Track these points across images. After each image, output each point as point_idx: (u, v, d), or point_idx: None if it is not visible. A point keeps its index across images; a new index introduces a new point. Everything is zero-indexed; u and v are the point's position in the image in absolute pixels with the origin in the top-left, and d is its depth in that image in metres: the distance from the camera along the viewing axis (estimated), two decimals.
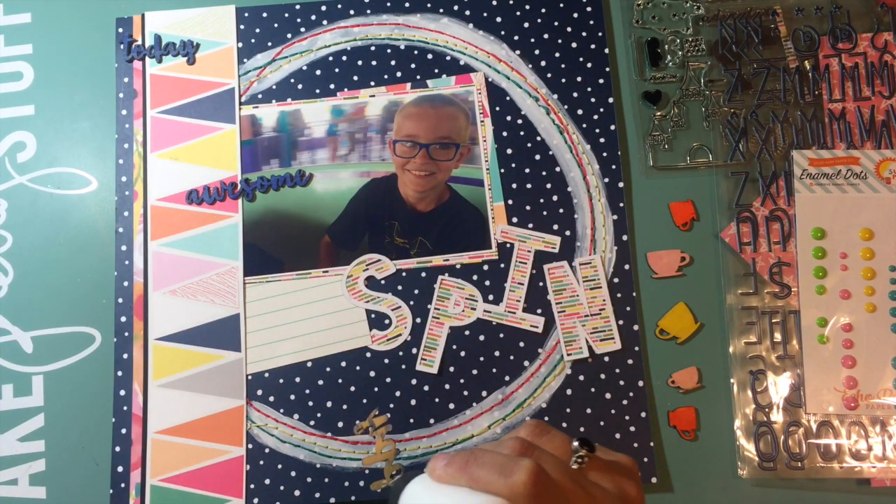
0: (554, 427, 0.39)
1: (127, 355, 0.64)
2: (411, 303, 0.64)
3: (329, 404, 0.63)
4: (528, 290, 0.64)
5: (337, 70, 0.68)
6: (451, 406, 0.63)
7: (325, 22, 0.70)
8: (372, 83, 0.68)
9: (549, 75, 0.68)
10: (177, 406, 0.63)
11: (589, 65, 0.68)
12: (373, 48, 0.69)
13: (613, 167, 0.66)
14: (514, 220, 0.65)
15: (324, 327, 0.64)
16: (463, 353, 0.63)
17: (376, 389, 0.63)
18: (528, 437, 0.38)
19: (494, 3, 0.69)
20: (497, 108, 0.67)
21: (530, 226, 0.65)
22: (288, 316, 0.64)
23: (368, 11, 0.70)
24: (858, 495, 0.61)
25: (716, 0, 0.68)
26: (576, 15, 0.69)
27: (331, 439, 0.63)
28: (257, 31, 0.69)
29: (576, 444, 0.37)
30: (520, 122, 0.67)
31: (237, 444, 0.63)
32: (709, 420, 0.62)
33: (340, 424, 0.63)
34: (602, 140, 0.66)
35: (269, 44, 0.69)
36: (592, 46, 0.68)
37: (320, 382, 0.63)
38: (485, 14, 0.69)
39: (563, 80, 0.68)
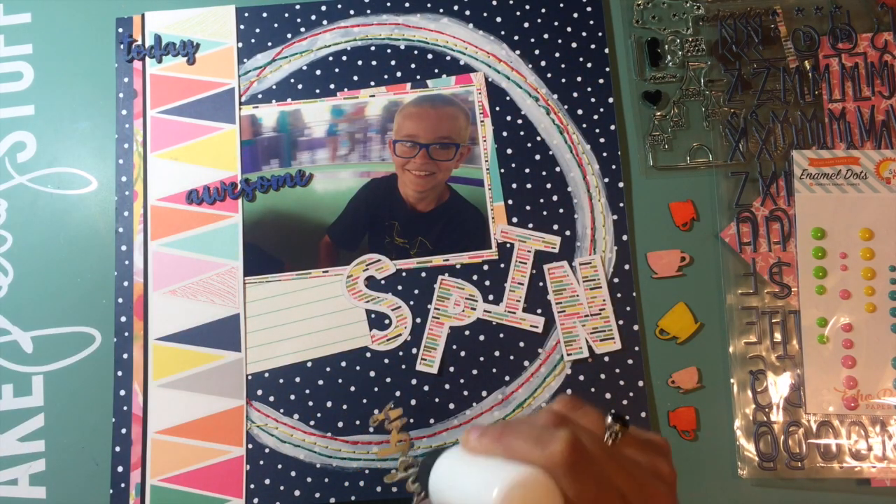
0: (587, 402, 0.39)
1: (127, 355, 0.64)
2: (411, 303, 0.64)
3: (329, 404, 0.63)
4: (528, 290, 0.64)
5: (337, 70, 0.68)
6: (451, 406, 0.63)
7: (325, 22, 0.70)
8: (372, 83, 0.68)
9: (549, 75, 0.68)
10: (177, 406, 0.63)
11: (589, 65, 0.68)
12: (373, 48, 0.69)
13: (613, 167, 0.66)
14: (514, 220, 0.65)
15: (324, 327, 0.64)
16: (463, 353, 0.63)
17: (376, 389, 0.63)
18: (562, 411, 0.38)
19: (494, 3, 0.69)
20: (497, 108, 0.67)
21: (530, 226, 0.65)
22: (288, 316, 0.64)
23: (368, 11, 0.70)
24: (858, 495, 0.61)
25: (716, 0, 0.68)
26: (576, 15, 0.69)
27: (331, 439, 0.62)
28: (257, 31, 0.69)
29: (610, 419, 0.37)
30: (520, 122, 0.67)
31: (237, 444, 0.62)
32: (709, 420, 0.62)
33: (340, 424, 0.63)
34: (602, 140, 0.66)
35: (269, 44, 0.69)
36: (592, 46, 0.68)
37: (320, 382, 0.63)
38: (485, 14, 0.69)
39: (563, 80, 0.68)
